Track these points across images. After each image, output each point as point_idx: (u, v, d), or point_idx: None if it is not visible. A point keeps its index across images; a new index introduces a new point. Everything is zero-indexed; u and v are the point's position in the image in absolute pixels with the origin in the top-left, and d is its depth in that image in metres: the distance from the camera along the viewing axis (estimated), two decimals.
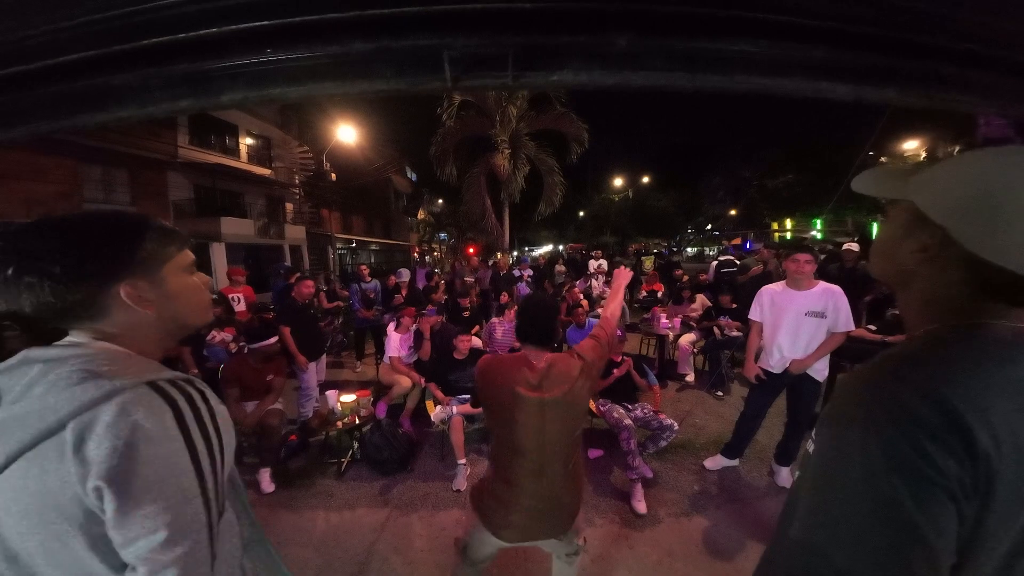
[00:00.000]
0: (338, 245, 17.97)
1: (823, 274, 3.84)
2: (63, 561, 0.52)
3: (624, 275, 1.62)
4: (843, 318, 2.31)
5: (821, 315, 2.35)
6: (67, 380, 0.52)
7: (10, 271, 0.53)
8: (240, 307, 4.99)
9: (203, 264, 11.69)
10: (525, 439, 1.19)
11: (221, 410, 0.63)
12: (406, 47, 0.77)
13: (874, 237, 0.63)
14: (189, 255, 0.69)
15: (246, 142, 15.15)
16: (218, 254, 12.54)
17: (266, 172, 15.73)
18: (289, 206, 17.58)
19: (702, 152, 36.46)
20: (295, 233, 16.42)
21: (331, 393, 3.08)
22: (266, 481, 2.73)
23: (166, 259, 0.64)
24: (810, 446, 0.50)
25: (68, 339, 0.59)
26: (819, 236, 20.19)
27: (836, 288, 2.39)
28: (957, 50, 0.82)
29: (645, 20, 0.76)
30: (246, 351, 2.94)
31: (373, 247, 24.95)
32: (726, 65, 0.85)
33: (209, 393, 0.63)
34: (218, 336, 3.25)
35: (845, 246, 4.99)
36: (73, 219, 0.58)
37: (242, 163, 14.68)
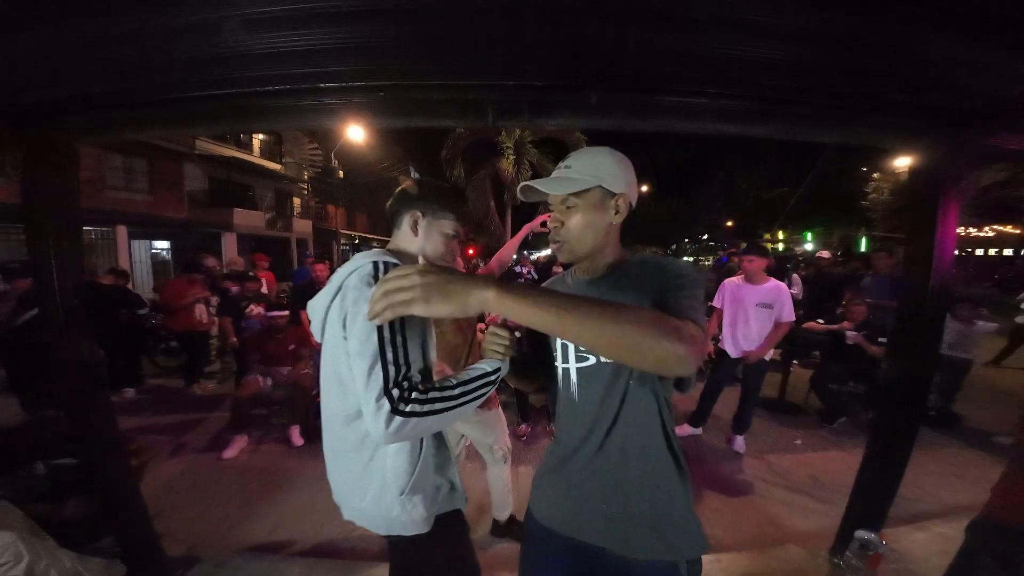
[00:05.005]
0: (342, 241, 18.39)
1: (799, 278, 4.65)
2: None
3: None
4: (786, 310, 2.79)
5: (769, 306, 2.83)
6: None
7: None
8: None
9: (215, 251, 12.11)
10: None
11: None
12: (457, 99, 1.25)
13: (574, 224, 0.79)
14: None
15: (259, 136, 15.61)
16: (229, 243, 12.98)
17: (276, 167, 16.21)
18: (296, 201, 18.04)
19: (700, 162, 36.93)
20: (302, 227, 16.89)
21: None
22: (296, 436, 3.19)
23: None
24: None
25: None
26: (809, 247, 20.85)
27: (782, 285, 2.89)
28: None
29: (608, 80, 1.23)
30: (264, 317, 3.47)
31: (374, 244, 25.37)
32: (664, 113, 1.32)
33: None
34: (255, 310, 3.71)
35: (818, 253, 6.00)
36: None
37: (254, 157, 15.15)
